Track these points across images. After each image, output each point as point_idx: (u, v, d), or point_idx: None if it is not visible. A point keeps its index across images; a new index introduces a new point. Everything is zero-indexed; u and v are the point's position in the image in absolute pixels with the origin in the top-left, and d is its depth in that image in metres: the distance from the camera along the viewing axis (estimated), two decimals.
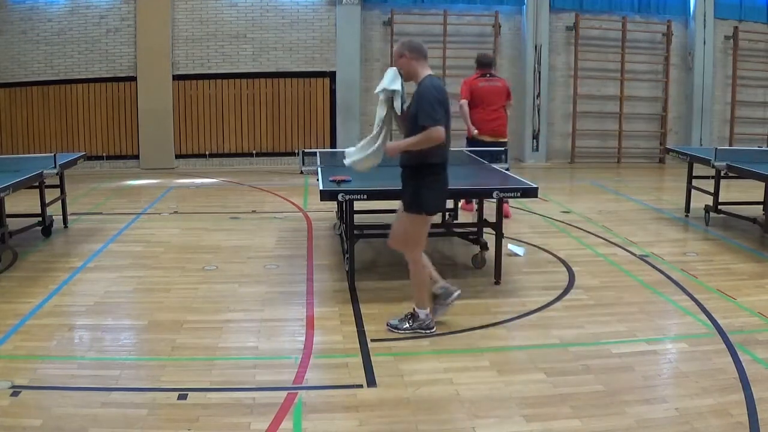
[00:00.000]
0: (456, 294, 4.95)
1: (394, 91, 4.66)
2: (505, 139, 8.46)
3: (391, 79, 4.67)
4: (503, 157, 7.59)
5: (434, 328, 4.79)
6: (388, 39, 12.92)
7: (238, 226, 8.18)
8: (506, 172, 6.78)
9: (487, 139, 8.27)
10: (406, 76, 4.68)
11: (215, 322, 5.02)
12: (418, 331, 4.76)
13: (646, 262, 6.62)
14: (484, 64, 8.47)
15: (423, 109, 4.47)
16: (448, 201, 7.54)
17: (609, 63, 13.59)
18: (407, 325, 4.79)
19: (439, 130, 4.44)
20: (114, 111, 12.63)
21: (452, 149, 8.35)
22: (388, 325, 4.84)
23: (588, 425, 3.55)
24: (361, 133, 13.01)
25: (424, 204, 4.64)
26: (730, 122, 13.95)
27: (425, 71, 4.64)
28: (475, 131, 8.26)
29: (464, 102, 8.25)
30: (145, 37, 12.33)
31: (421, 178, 4.61)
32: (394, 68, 4.72)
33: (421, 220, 4.69)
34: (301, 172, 7.68)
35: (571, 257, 6.72)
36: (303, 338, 4.70)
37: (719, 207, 7.81)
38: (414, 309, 4.83)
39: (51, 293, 5.60)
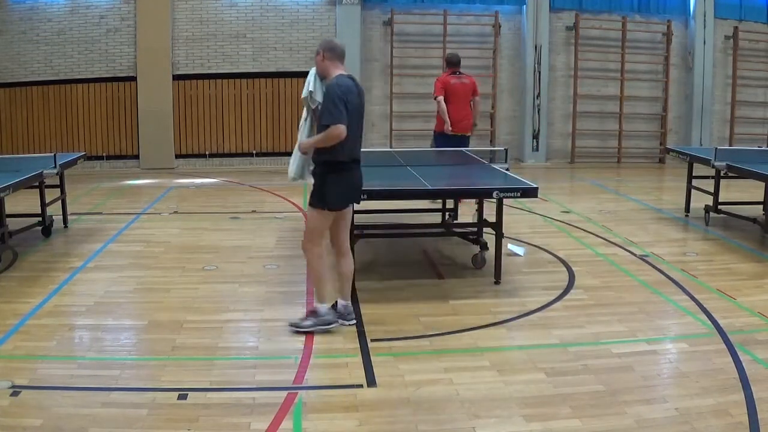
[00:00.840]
0: (333, 324, 4.83)
1: (309, 94, 4.79)
2: (470, 134, 9.10)
3: (307, 82, 4.80)
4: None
5: (336, 323, 4.79)
6: (388, 39, 12.93)
7: (238, 226, 8.18)
8: (506, 172, 6.78)
9: (458, 133, 8.82)
10: (320, 74, 4.79)
11: (215, 322, 5.01)
12: (319, 327, 4.74)
13: (646, 262, 6.62)
14: (454, 63, 8.97)
15: (326, 107, 4.57)
16: (448, 201, 7.60)
17: (609, 63, 13.59)
18: (309, 322, 4.77)
19: (339, 128, 4.51)
20: (114, 111, 12.63)
21: (452, 149, 8.44)
22: (290, 324, 4.81)
23: (588, 425, 3.55)
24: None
25: (327, 200, 4.71)
26: (730, 122, 13.95)
27: (337, 71, 4.71)
28: (450, 128, 8.68)
29: (441, 98, 8.72)
30: (145, 37, 12.33)
31: (327, 175, 4.69)
32: (314, 68, 4.84)
33: (322, 215, 4.76)
34: None
35: (571, 257, 6.72)
36: (303, 338, 4.69)
37: (719, 207, 7.81)
38: (314, 305, 4.84)
39: (51, 293, 5.60)
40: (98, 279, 6.05)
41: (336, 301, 4.97)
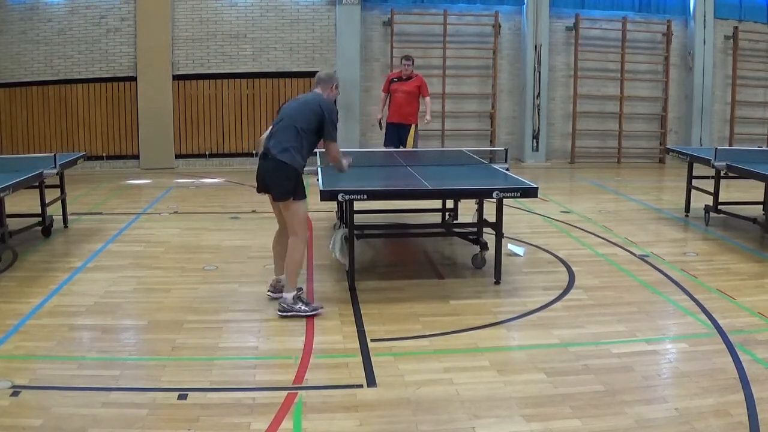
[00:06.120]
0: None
1: None
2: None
3: None
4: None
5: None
6: (388, 39, 12.92)
7: (238, 226, 8.18)
8: (506, 172, 6.78)
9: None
10: None
11: (215, 322, 5.02)
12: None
13: (646, 262, 6.62)
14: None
15: None
16: (448, 201, 7.60)
17: (609, 63, 13.59)
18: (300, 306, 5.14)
19: None
20: (114, 111, 12.63)
21: (452, 148, 8.44)
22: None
23: (588, 425, 3.55)
24: (361, 133, 13.03)
25: None
26: (730, 122, 13.94)
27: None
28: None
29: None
30: (145, 37, 12.33)
31: None
32: None
33: None
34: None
35: (571, 257, 6.72)
36: (303, 338, 4.70)
37: (719, 207, 7.81)
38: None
39: (51, 293, 5.60)
40: (98, 279, 6.05)
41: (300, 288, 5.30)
